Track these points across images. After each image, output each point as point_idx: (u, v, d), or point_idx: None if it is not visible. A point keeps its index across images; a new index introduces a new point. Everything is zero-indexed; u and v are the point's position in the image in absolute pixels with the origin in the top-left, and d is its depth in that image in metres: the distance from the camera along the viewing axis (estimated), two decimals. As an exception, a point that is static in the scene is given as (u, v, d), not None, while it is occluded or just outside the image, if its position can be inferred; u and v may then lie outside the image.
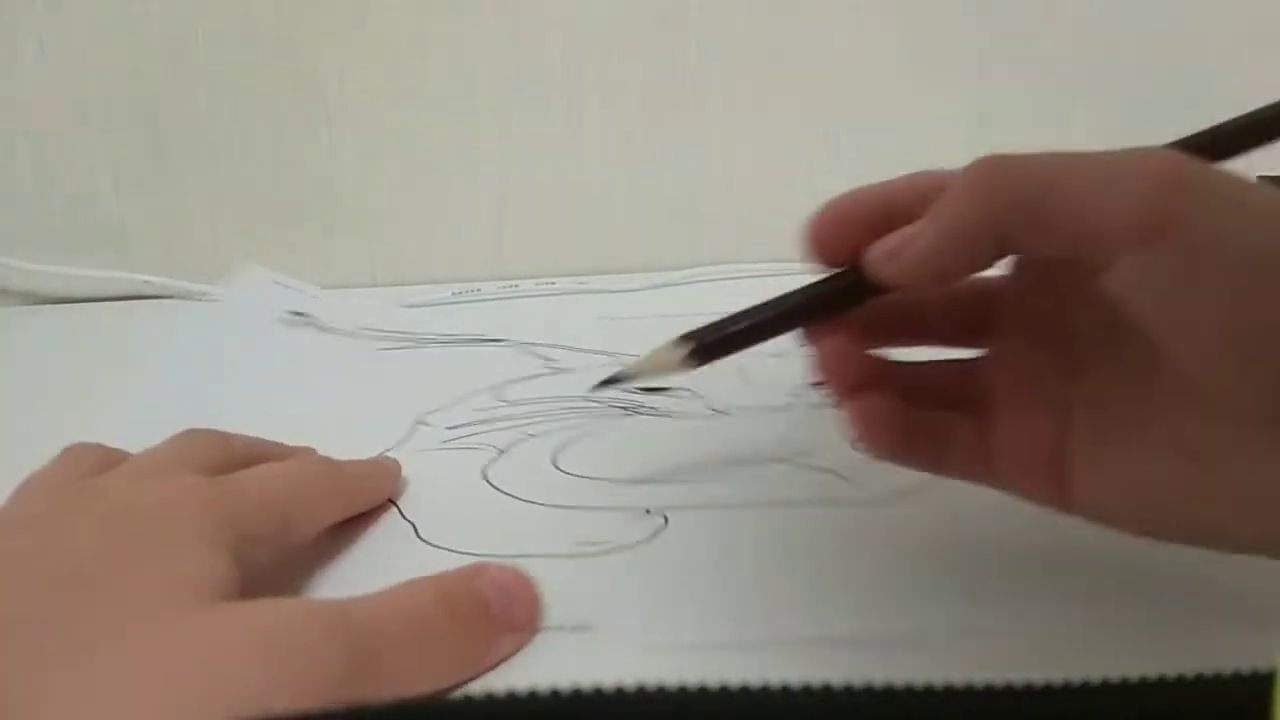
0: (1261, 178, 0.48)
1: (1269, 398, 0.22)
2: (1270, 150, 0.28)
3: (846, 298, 0.28)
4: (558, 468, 0.36)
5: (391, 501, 0.35)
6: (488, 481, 0.36)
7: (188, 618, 0.23)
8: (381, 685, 0.25)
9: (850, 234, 0.27)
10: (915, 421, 0.29)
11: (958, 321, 0.30)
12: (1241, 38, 0.59)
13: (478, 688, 0.26)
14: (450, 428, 0.40)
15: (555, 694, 0.20)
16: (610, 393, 0.36)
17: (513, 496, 0.35)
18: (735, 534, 0.32)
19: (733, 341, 0.28)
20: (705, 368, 0.29)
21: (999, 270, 0.28)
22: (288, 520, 0.29)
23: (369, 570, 0.31)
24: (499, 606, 0.27)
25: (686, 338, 0.28)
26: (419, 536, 0.33)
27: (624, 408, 0.41)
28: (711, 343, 0.28)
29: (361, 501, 0.33)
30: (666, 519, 0.33)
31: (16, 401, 0.45)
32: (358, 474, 0.34)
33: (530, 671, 0.27)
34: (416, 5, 0.55)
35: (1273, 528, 0.24)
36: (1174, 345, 0.23)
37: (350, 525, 0.33)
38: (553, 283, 0.57)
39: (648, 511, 0.33)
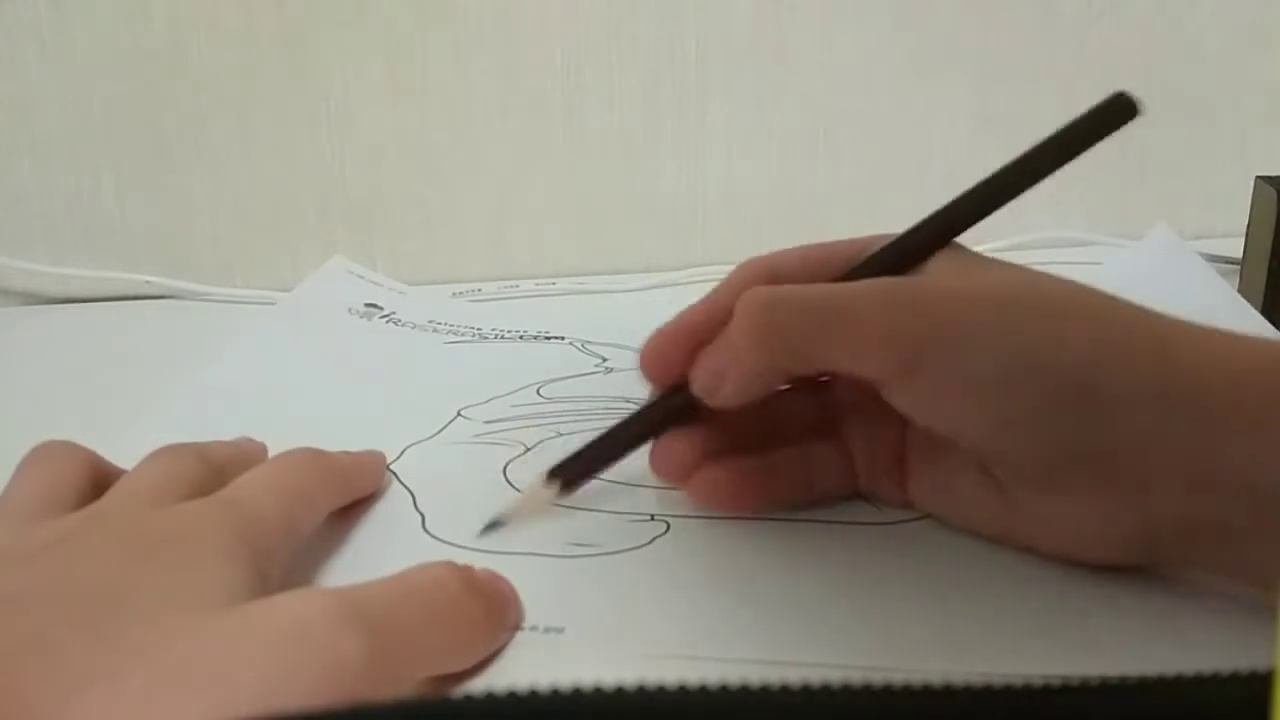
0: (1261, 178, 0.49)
1: (1031, 461, 0.28)
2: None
3: (689, 410, 0.32)
4: None
5: (409, 491, 0.35)
6: (505, 478, 0.35)
7: (208, 625, 0.23)
8: (404, 668, 0.25)
9: (682, 354, 0.31)
10: (777, 465, 0.32)
11: None
12: (1240, 38, 0.59)
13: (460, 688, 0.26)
14: (487, 422, 0.40)
15: (556, 692, 0.20)
16: (644, 394, 0.36)
17: (523, 494, 0.35)
18: (735, 546, 0.31)
19: (591, 470, 0.33)
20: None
21: None
22: (294, 527, 0.30)
23: (371, 558, 0.31)
24: (496, 597, 0.28)
25: (553, 475, 0.32)
26: (425, 528, 0.33)
27: None
28: (574, 476, 0.32)
29: (351, 491, 0.34)
30: (668, 526, 0.33)
31: (16, 401, 0.45)
32: (346, 464, 0.34)
33: (495, 673, 0.26)
34: (416, 6, 0.55)
35: (1069, 550, 0.29)
36: (939, 430, 0.29)
37: (362, 513, 0.33)
38: (553, 283, 0.57)
39: (651, 517, 0.33)
